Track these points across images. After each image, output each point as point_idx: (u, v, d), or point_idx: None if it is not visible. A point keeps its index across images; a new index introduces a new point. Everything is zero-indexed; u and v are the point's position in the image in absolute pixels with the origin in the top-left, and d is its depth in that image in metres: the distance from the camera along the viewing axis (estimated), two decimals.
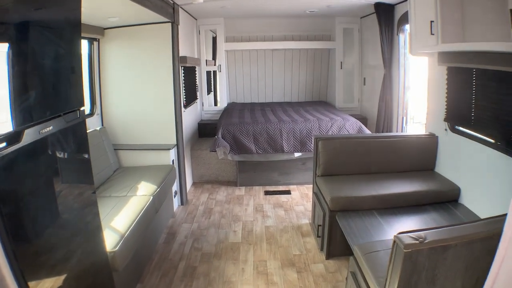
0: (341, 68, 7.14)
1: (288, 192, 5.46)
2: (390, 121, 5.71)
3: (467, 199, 3.57)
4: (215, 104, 7.75)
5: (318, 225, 3.76)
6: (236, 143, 5.31)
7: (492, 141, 3.19)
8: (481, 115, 3.35)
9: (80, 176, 2.33)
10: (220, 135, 5.26)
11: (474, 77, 3.36)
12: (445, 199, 3.66)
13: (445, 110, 3.87)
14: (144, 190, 3.74)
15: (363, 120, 6.81)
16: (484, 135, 3.32)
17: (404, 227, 3.24)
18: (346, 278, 3.04)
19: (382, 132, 5.81)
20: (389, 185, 3.72)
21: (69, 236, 2.12)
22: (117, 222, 3.04)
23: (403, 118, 5.62)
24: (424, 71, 4.54)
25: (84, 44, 4.34)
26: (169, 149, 4.59)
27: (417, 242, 1.76)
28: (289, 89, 7.88)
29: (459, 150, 3.71)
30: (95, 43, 4.47)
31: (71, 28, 2.16)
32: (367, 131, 5.61)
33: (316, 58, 7.72)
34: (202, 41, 6.86)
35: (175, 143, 4.75)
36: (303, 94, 7.96)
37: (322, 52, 7.69)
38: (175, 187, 4.76)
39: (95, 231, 2.39)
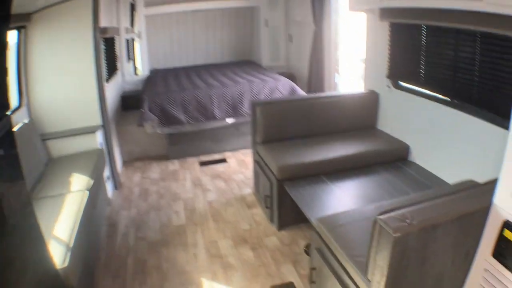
0: (266, 26, 6.90)
1: (224, 161, 5.24)
2: (321, 80, 5.64)
3: (418, 157, 3.61)
4: (136, 73, 7.21)
5: (266, 196, 3.62)
6: (164, 115, 4.94)
7: (447, 98, 3.20)
8: (432, 72, 3.32)
9: (10, 182, 1.94)
10: (146, 108, 4.85)
11: (424, 33, 3.30)
12: (395, 158, 3.68)
13: (388, 67, 3.83)
14: (78, 185, 3.29)
15: (292, 77, 6.69)
16: (437, 92, 3.32)
17: (357, 191, 3.23)
18: (306, 250, 2.98)
19: (314, 91, 5.75)
20: (335, 147, 3.66)
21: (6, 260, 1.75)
22: (58, 230, 2.61)
23: (335, 75, 5.57)
24: (359, 27, 4.48)
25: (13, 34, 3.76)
26: (95, 131, 4.16)
27: (406, 224, 1.65)
28: (213, 50, 7.53)
29: (405, 107, 3.72)
30: (23, 31, 3.90)
31: None
32: (300, 91, 5.51)
33: (239, 17, 7.40)
34: (121, 9, 6.27)
35: (101, 123, 4.32)
36: (228, 54, 7.66)
37: (246, 11, 7.36)
38: (106, 171, 4.38)
39: (38, 246, 2.03)
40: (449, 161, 3.23)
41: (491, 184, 1.86)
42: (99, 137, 4.21)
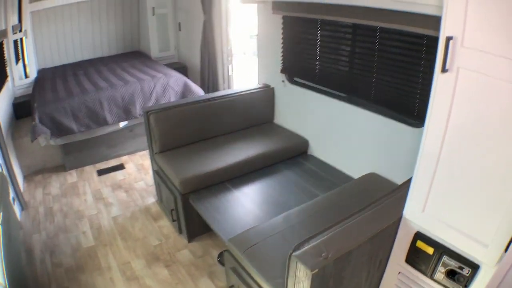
0: (153, 14, 6.58)
1: (122, 167, 5.01)
2: (215, 72, 5.54)
3: (317, 151, 3.75)
4: (26, 75, 6.49)
5: (171, 210, 3.51)
6: (55, 125, 4.52)
7: (342, 94, 3.31)
8: (328, 67, 3.40)
9: None
10: (37, 120, 4.40)
11: (319, 27, 3.33)
12: (295, 153, 3.81)
13: (282, 62, 3.84)
14: None
15: (184, 69, 6.56)
16: (332, 88, 3.41)
17: (262, 195, 3.28)
18: (220, 260, 3.03)
19: (208, 84, 5.64)
20: (236, 150, 3.64)
21: None
22: None
23: (228, 68, 5.49)
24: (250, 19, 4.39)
25: None
26: None
27: (321, 258, 1.66)
28: (99, 43, 7.01)
29: (301, 102, 3.79)
30: None
31: None
32: (194, 87, 5.37)
33: (125, 6, 6.94)
34: (8, 7, 5.52)
35: None
36: (115, 46, 7.18)
37: None
38: (11, 193, 3.90)
39: None
40: (348, 155, 3.41)
41: (397, 194, 1.96)
42: None
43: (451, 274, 1.79)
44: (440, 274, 1.83)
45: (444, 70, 1.55)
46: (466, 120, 1.56)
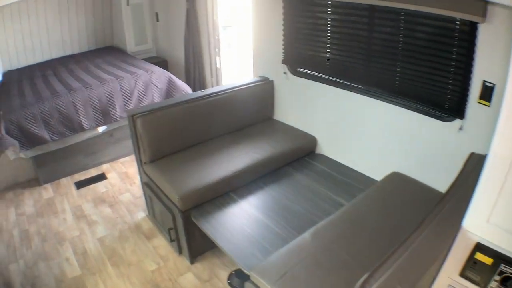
0: (128, 5, 6.20)
1: (103, 177, 4.64)
2: (201, 66, 5.25)
3: (327, 149, 3.56)
4: None
5: (169, 229, 3.20)
6: (24, 136, 4.13)
7: (359, 85, 3.07)
8: (341, 56, 3.16)
9: None
10: (3, 131, 4.02)
11: (329, 10, 3.07)
12: (303, 153, 3.59)
13: (283, 51, 3.58)
14: None
15: (163, 63, 6.25)
16: (346, 80, 3.15)
17: (274, 204, 3.00)
18: (230, 283, 2.82)
19: (194, 79, 5.35)
20: (237, 155, 3.37)
21: None
22: None
23: (216, 60, 5.20)
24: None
25: None
26: None
27: None
28: (69, 39, 6.61)
29: (307, 95, 3.57)
30: None
31: None
32: (180, 83, 5.04)
33: None
34: None
35: None
36: (87, 42, 6.78)
37: None
38: None
39: None
40: (365, 153, 3.22)
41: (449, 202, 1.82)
42: None
43: (505, 280, 1.62)
44: (494, 282, 1.65)
45: None
46: None
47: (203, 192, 2.98)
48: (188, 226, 2.99)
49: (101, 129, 4.70)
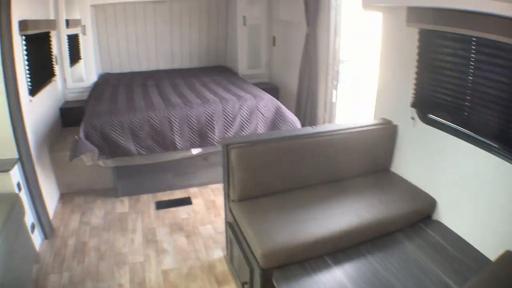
0: (245, 25, 6.00)
1: (188, 201, 4.30)
2: (314, 98, 4.80)
3: (446, 216, 2.95)
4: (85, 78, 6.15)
5: (243, 283, 2.71)
6: (107, 143, 3.94)
7: (494, 144, 2.48)
8: (482, 105, 2.53)
9: None
10: (82, 135, 3.83)
11: (473, 48, 2.48)
12: (418, 218, 2.96)
13: (413, 92, 3.05)
14: None
15: (274, 90, 5.89)
16: (483, 135, 2.55)
17: (370, 274, 2.40)
18: None
19: (305, 112, 4.89)
20: (342, 211, 2.80)
21: None
22: None
23: (332, 93, 4.70)
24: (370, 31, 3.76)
25: None
26: (7, 170, 3.12)
27: None
28: (179, 53, 6.58)
29: (434, 148, 3.02)
30: None
31: None
32: (288, 113, 4.61)
33: (211, 11, 6.48)
34: None
35: (17, 156, 3.30)
36: (196, 58, 6.73)
37: (220, 4, 6.47)
38: (30, 218, 3.39)
39: None
40: (487, 226, 2.59)
41: None
42: (15, 176, 3.21)
43: None
44: None
45: None
46: None
47: (292, 251, 2.46)
48: (265, 285, 2.46)
49: (195, 151, 4.38)
